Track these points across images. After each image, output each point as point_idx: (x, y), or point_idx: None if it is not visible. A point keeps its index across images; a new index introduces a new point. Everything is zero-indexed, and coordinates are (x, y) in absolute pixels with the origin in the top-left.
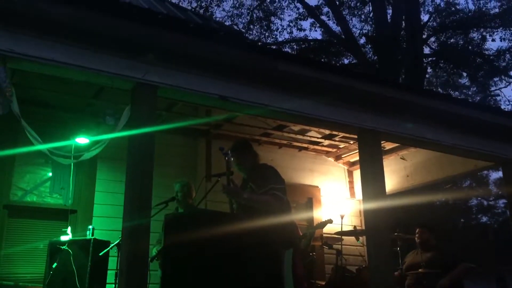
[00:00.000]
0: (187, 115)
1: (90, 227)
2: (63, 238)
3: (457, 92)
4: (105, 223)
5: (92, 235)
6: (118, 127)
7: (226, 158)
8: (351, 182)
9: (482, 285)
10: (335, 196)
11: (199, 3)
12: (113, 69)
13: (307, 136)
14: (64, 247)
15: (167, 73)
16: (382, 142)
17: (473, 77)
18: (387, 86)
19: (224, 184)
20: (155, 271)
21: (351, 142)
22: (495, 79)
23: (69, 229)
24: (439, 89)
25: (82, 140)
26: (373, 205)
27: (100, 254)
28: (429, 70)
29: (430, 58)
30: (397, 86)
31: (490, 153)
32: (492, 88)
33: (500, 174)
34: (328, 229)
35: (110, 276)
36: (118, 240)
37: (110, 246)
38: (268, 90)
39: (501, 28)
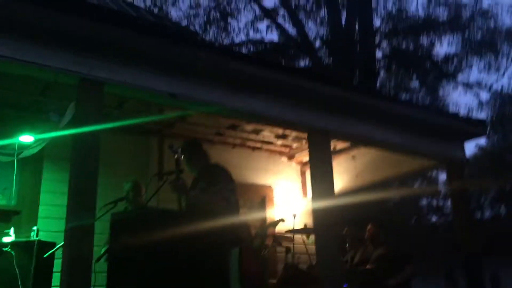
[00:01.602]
0: (139, 114)
1: (35, 228)
2: (5, 239)
3: (407, 95)
4: (51, 224)
5: (37, 236)
6: (62, 123)
7: (176, 156)
8: (303, 182)
9: (431, 281)
10: (288, 196)
11: (153, 2)
12: (57, 63)
13: (261, 136)
14: (6, 249)
15: (114, 69)
16: (333, 141)
17: (422, 81)
18: (336, 86)
19: (173, 180)
20: (101, 273)
21: (304, 142)
22: (444, 83)
23: (12, 230)
24: (391, 92)
25: (26, 138)
26: (321, 203)
27: (45, 256)
28: (382, 74)
29: (383, 62)
30: (346, 86)
31: (436, 153)
32: (441, 92)
33: None
34: (281, 228)
35: (56, 278)
36: None
37: (55, 248)
38: (219, 88)
39: (448, 32)
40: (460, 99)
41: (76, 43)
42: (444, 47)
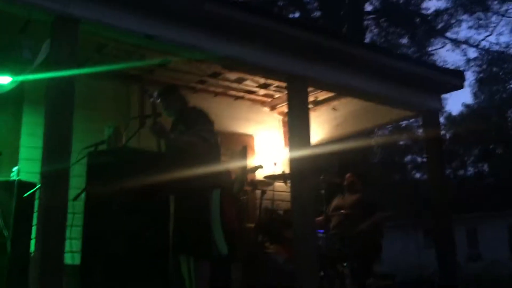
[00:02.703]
0: (119, 59)
1: (15, 168)
2: None
3: (397, 51)
4: (32, 166)
5: (18, 176)
6: (37, 61)
7: (151, 100)
8: (285, 132)
9: (411, 237)
10: (268, 145)
11: None
12: None
13: (243, 84)
14: None
15: (89, 7)
16: (315, 92)
17: (412, 36)
18: (315, 32)
19: (150, 124)
20: (78, 214)
21: (286, 92)
22: (432, 39)
23: None
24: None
25: (3, 79)
26: (298, 151)
27: (25, 195)
28: (374, 30)
29: (372, 16)
30: (325, 33)
31: (414, 103)
32: (429, 49)
33: None
34: (261, 175)
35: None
36: None
37: (36, 188)
38: (196, 31)
39: None
40: (449, 57)
41: None
42: (433, 1)
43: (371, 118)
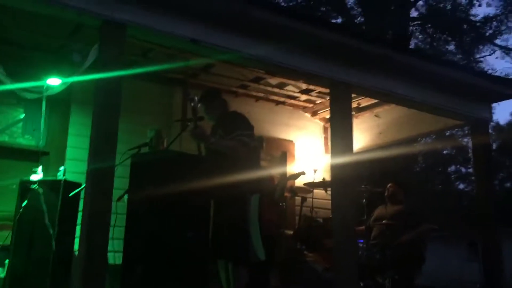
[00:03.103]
0: (163, 63)
1: (62, 168)
2: (34, 177)
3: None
4: (78, 166)
5: (64, 176)
6: (85, 64)
7: (192, 104)
8: (326, 138)
9: (454, 248)
10: (309, 151)
11: None
12: (80, 3)
13: (285, 90)
14: (34, 186)
15: (137, 12)
16: (357, 98)
17: (459, 43)
18: (358, 37)
19: (191, 128)
20: (122, 214)
21: (328, 98)
22: (480, 46)
23: (40, 169)
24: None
25: (54, 81)
26: (340, 158)
27: (70, 194)
28: (418, 36)
29: (417, 22)
30: (369, 39)
31: (461, 112)
32: (477, 56)
33: None
34: (301, 182)
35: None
36: None
37: (81, 187)
38: (240, 36)
39: None
40: (497, 64)
41: None
42: (483, 7)
43: (415, 126)
